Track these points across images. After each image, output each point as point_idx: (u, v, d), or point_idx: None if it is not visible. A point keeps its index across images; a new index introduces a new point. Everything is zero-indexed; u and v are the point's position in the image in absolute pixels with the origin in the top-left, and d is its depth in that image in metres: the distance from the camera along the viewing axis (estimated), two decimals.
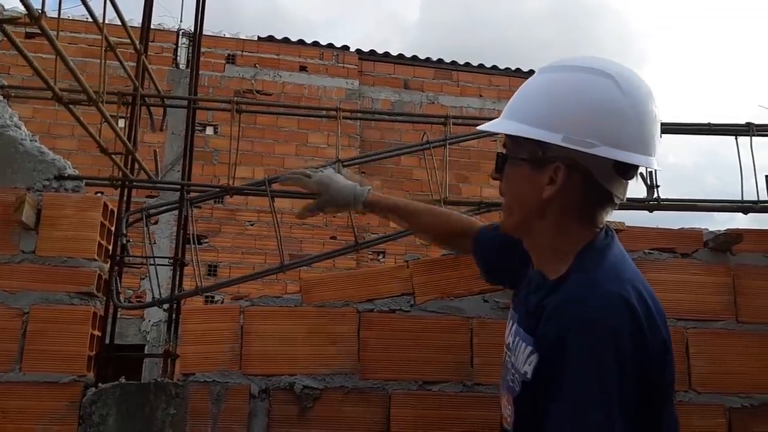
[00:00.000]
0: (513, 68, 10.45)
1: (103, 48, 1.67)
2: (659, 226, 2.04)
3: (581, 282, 1.16)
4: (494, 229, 1.58)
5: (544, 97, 1.22)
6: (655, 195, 2.12)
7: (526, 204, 1.25)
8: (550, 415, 1.08)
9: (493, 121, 1.29)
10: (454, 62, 10.34)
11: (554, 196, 1.20)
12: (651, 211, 2.15)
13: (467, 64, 10.35)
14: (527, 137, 1.20)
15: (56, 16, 1.52)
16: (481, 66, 10.37)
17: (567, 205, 1.21)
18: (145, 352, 7.91)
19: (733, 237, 1.98)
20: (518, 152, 1.24)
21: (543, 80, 1.24)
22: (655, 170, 2.11)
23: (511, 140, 1.26)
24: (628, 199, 2.19)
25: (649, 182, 2.12)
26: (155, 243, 7.99)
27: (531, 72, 10.48)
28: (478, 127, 1.35)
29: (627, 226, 1.99)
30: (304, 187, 1.82)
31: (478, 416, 1.87)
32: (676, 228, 2.06)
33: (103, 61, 1.65)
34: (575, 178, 1.18)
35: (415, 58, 10.26)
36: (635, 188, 2.16)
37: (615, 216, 2.09)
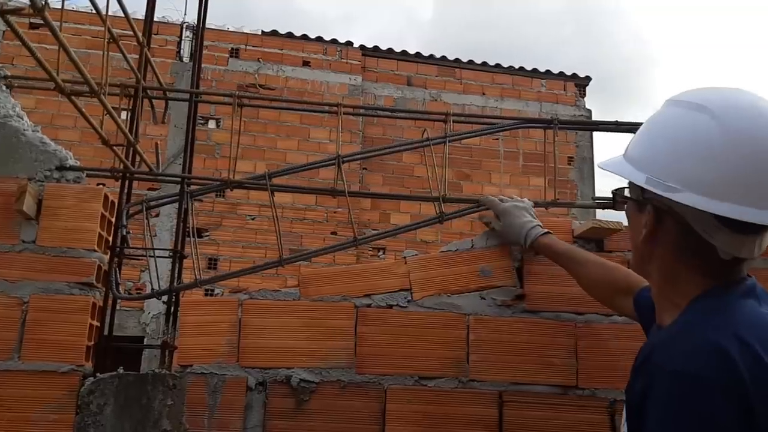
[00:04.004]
0: (516, 66, 10.44)
1: (106, 40, 1.68)
2: None
3: (677, 330, 1.06)
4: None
5: (642, 134, 1.15)
6: None
7: (633, 245, 1.19)
8: None
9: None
10: (457, 60, 10.34)
11: (649, 239, 1.12)
12: None
13: (470, 62, 10.34)
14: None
15: (60, 7, 1.53)
16: (484, 64, 10.36)
17: (667, 251, 1.11)
18: (144, 343, 7.93)
19: None
20: (631, 190, 1.18)
21: (653, 116, 1.16)
22: None
23: None
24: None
25: None
26: (156, 235, 8.01)
27: (534, 71, 10.41)
28: (601, 166, 1.22)
29: (625, 226, 1.99)
30: (493, 209, 1.95)
31: (473, 412, 1.88)
32: None
33: (105, 52, 1.66)
34: (669, 223, 1.09)
35: (418, 54, 10.25)
36: None
37: (612, 217, 2.10)
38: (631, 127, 2.16)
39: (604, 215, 2.26)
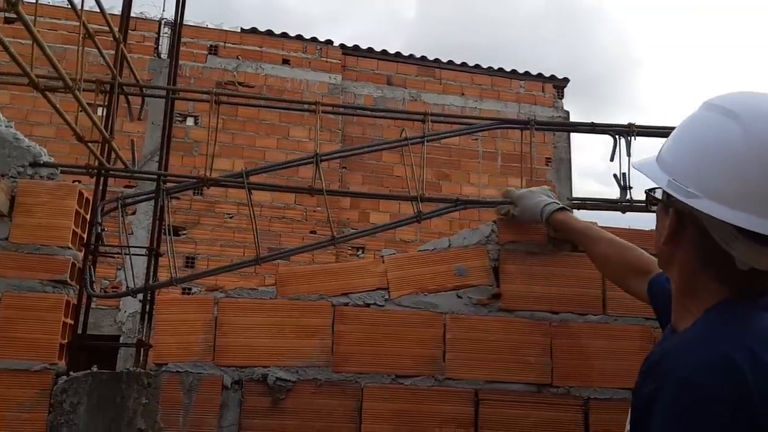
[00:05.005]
0: (496, 67, 10.49)
1: (82, 35, 1.66)
2: (631, 227, 2.07)
3: (690, 337, 1.04)
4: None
5: (674, 135, 1.13)
6: (628, 196, 2.15)
7: (656, 245, 1.17)
8: None
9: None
10: (437, 60, 10.36)
11: (669, 242, 1.11)
12: (623, 212, 2.18)
13: (450, 62, 10.37)
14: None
15: (34, 1, 1.51)
16: (463, 64, 10.40)
17: (688, 257, 1.09)
18: (120, 342, 7.85)
19: None
20: (660, 191, 1.16)
21: (687, 117, 1.13)
22: (629, 172, 2.14)
23: None
24: (601, 200, 2.22)
25: (622, 183, 2.15)
26: (132, 233, 7.93)
27: (513, 72, 10.45)
28: (634, 166, 1.23)
29: (600, 227, 2.01)
30: (509, 197, 2.02)
31: (449, 410, 1.90)
32: (648, 229, 2.09)
33: (81, 48, 1.64)
34: (690, 228, 1.07)
35: (398, 54, 10.26)
36: (610, 190, 2.20)
37: (586, 216, 2.12)
38: (606, 129, 2.18)
39: (580, 216, 2.28)
